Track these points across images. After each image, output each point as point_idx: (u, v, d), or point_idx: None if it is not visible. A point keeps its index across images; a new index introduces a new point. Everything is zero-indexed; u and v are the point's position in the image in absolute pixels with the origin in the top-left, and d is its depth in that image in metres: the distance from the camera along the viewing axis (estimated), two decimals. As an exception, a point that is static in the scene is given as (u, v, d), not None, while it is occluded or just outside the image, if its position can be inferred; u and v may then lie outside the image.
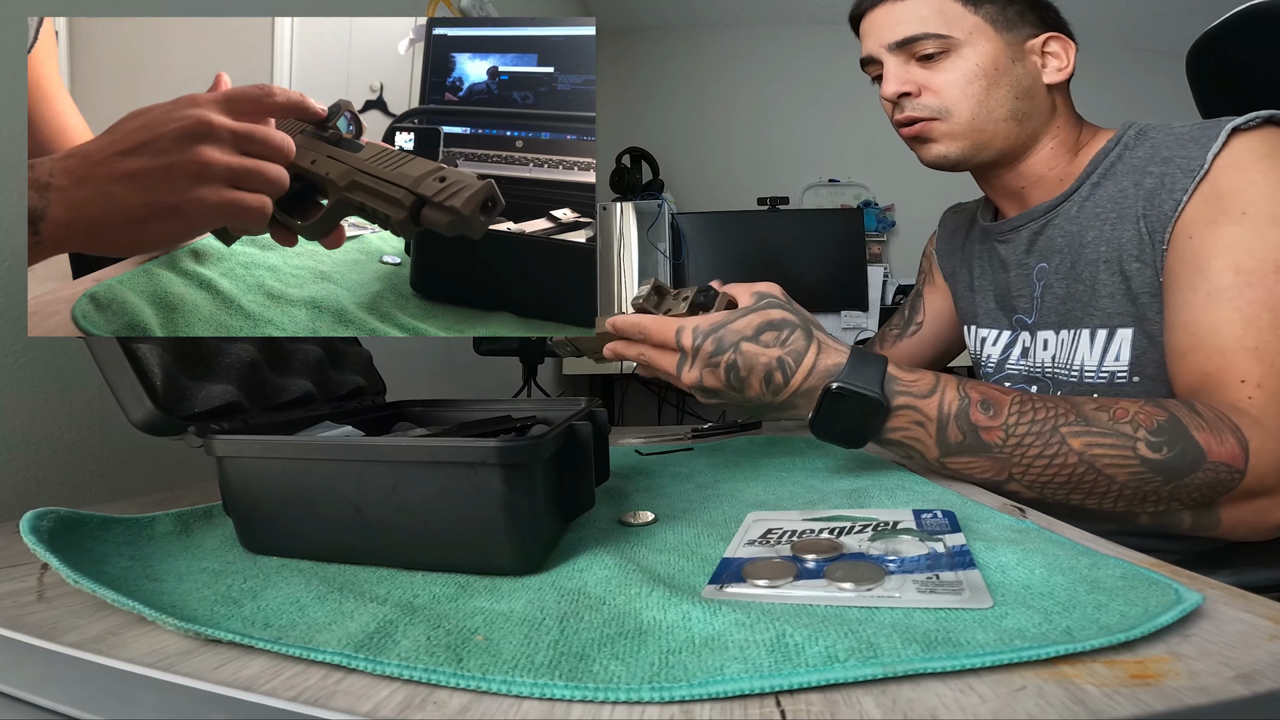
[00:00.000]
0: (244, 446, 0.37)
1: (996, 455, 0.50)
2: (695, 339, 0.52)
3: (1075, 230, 0.68)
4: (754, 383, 0.51)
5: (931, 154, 0.70)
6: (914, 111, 0.68)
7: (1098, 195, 0.67)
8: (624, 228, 2.12)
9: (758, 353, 0.51)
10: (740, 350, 0.51)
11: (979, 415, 0.50)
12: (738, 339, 0.51)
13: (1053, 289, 0.71)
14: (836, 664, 0.22)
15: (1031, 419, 0.49)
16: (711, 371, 0.51)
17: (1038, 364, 0.73)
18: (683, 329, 0.52)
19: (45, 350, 0.56)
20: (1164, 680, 0.21)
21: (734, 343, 0.51)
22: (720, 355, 0.51)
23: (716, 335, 0.51)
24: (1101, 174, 0.67)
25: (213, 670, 0.24)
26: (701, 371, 0.52)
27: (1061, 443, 0.48)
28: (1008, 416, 0.49)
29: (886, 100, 0.70)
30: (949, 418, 0.50)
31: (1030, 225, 0.73)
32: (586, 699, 0.22)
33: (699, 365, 0.52)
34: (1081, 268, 0.67)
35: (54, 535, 0.33)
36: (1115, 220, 0.64)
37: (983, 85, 0.66)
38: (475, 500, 0.33)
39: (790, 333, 0.52)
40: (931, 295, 0.96)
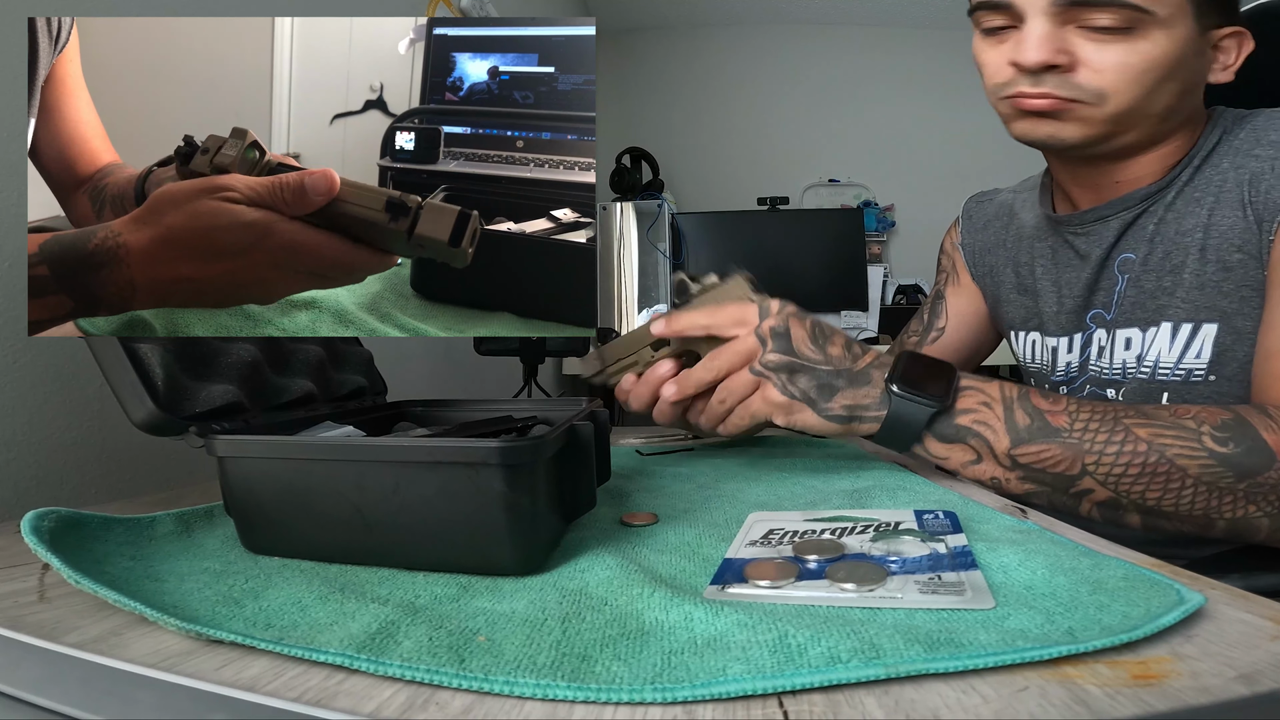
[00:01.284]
0: (245, 446, 0.37)
1: (1067, 441, 0.46)
2: (781, 304, 0.54)
3: (1171, 217, 0.60)
4: (837, 340, 0.52)
5: (1043, 133, 0.58)
6: (1059, 90, 0.55)
7: (1196, 180, 0.59)
8: (624, 228, 2.12)
9: (830, 326, 0.54)
10: (821, 319, 0.54)
11: (1040, 399, 0.48)
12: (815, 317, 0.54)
13: (1137, 281, 0.63)
14: (839, 664, 0.22)
15: (1091, 409, 0.47)
16: (798, 320, 0.52)
17: (1117, 365, 0.65)
18: (764, 300, 0.55)
19: (45, 350, 0.56)
20: (1166, 681, 0.21)
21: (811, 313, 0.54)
22: (806, 315, 0.53)
23: (794, 306, 0.54)
24: (1203, 158, 0.60)
25: (214, 671, 0.24)
26: (789, 318, 0.52)
27: (1127, 432, 0.46)
28: (1067, 404, 0.48)
29: (1015, 64, 0.56)
30: (1013, 400, 0.48)
31: (1123, 215, 0.63)
32: (589, 700, 0.22)
33: (785, 312, 0.52)
34: (1172, 256, 0.60)
35: (55, 535, 0.33)
36: (1213, 205, 0.57)
37: (1157, 77, 0.54)
38: (476, 500, 0.33)
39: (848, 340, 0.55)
40: (955, 296, 0.85)
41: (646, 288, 2.10)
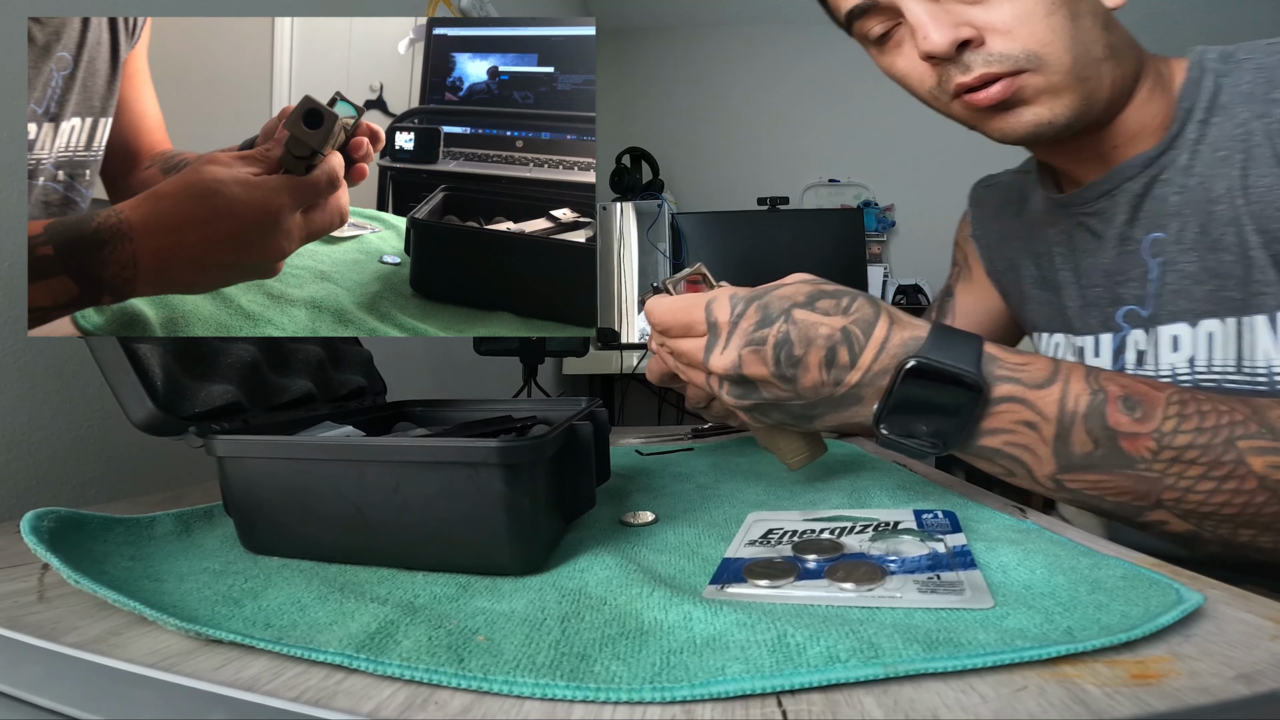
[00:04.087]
0: (245, 446, 0.37)
1: (1142, 473, 0.37)
2: (733, 307, 0.40)
3: (1195, 183, 0.52)
4: (811, 363, 0.39)
5: (1026, 122, 0.51)
6: (989, 67, 0.49)
7: (1212, 135, 0.52)
8: (624, 228, 2.12)
9: (816, 322, 0.39)
10: (793, 319, 0.39)
11: (1120, 416, 0.37)
12: (788, 305, 0.39)
13: (1178, 265, 0.54)
14: (838, 664, 0.22)
15: (1197, 425, 0.36)
16: (755, 352, 0.39)
17: (1165, 370, 0.55)
18: (715, 299, 0.41)
19: (45, 350, 0.56)
20: (1165, 680, 0.21)
21: (784, 309, 0.39)
22: (767, 327, 0.39)
23: (761, 302, 0.40)
24: (1206, 109, 0.52)
25: (214, 670, 0.24)
26: (741, 352, 0.39)
27: (1237, 461, 0.36)
28: (1162, 420, 0.36)
29: (934, 58, 0.50)
30: (1075, 418, 0.37)
31: (1128, 186, 0.56)
32: (588, 699, 0.22)
33: (737, 343, 0.40)
34: (1218, 231, 0.51)
35: (55, 535, 0.33)
36: (1244, 164, 0.50)
37: (1064, 16, 0.48)
38: (476, 500, 0.33)
39: (852, 300, 0.40)
40: (965, 294, 0.76)
41: (646, 288, 2.10)
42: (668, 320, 0.44)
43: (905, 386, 0.38)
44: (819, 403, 0.40)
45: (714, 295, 0.42)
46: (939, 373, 0.37)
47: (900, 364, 0.38)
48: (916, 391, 0.38)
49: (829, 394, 0.40)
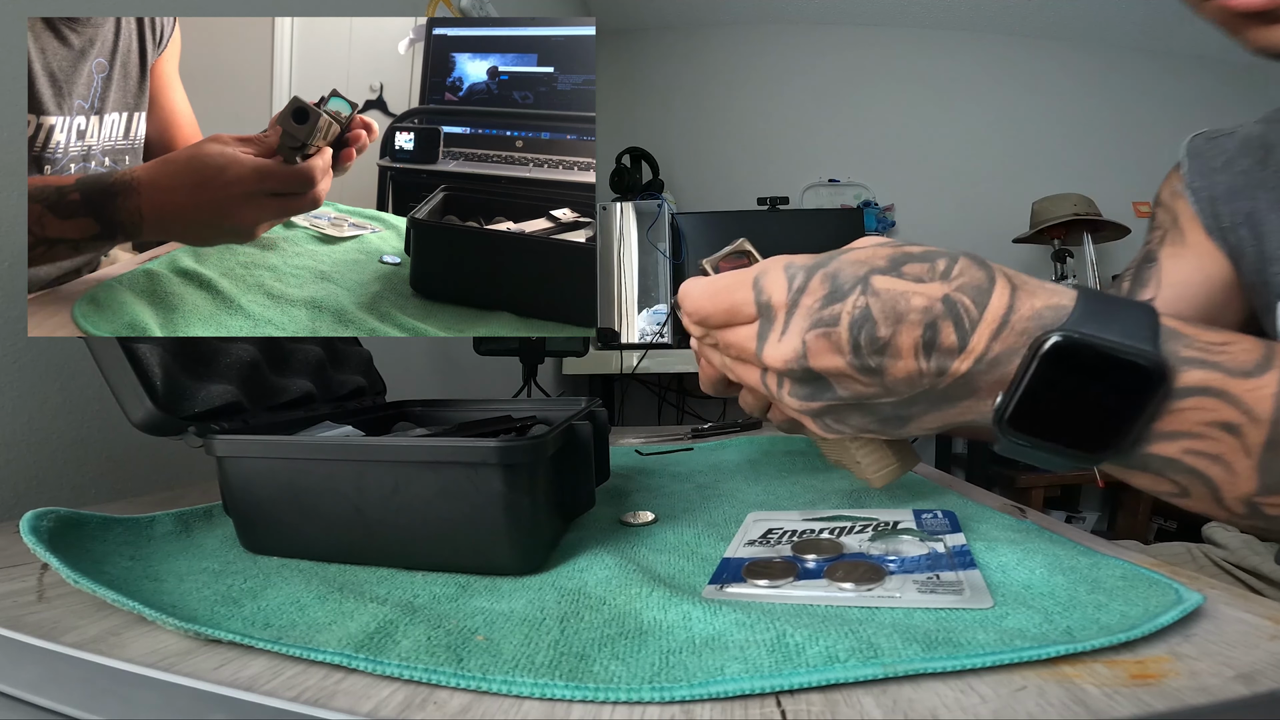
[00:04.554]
0: (244, 446, 0.37)
1: None
2: (791, 280, 0.31)
3: None
4: (904, 346, 0.29)
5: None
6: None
7: None
8: (624, 228, 2.12)
9: (905, 291, 0.29)
10: (874, 289, 0.29)
11: None
12: (865, 271, 0.30)
13: None
14: (837, 664, 0.22)
15: None
16: (824, 335, 0.30)
17: None
18: (765, 271, 0.32)
19: (45, 350, 0.56)
20: (1164, 680, 0.21)
21: (860, 277, 0.30)
22: (839, 302, 0.30)
23: (827, 270, 0.30)
24: None
25: (213, 670, 0.24)
26: (805, 337, 0.30)
27: None
28: None
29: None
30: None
31: None
32: (587, 699, 0.22)
33: (800, 324, 0.30)
34: None
35: (54, 535, 0.33)
36: None
37: None
38: (475, 500, 0.33)
39: (951, 262, 0.30)
40: (1175, 259, 0.63)
41: (646, 288, 2.10)
42: (706, 307, 0.33)
43: (1044, 372, 0.28)
44: (916, 399, 0.31)
45: (764, 267, 0.32)
46: (1097, 352, 0.27)
47: (1036, 342, 0.28)
48: (1061, 379, 0.28)
49: (929, 386, 0.30)
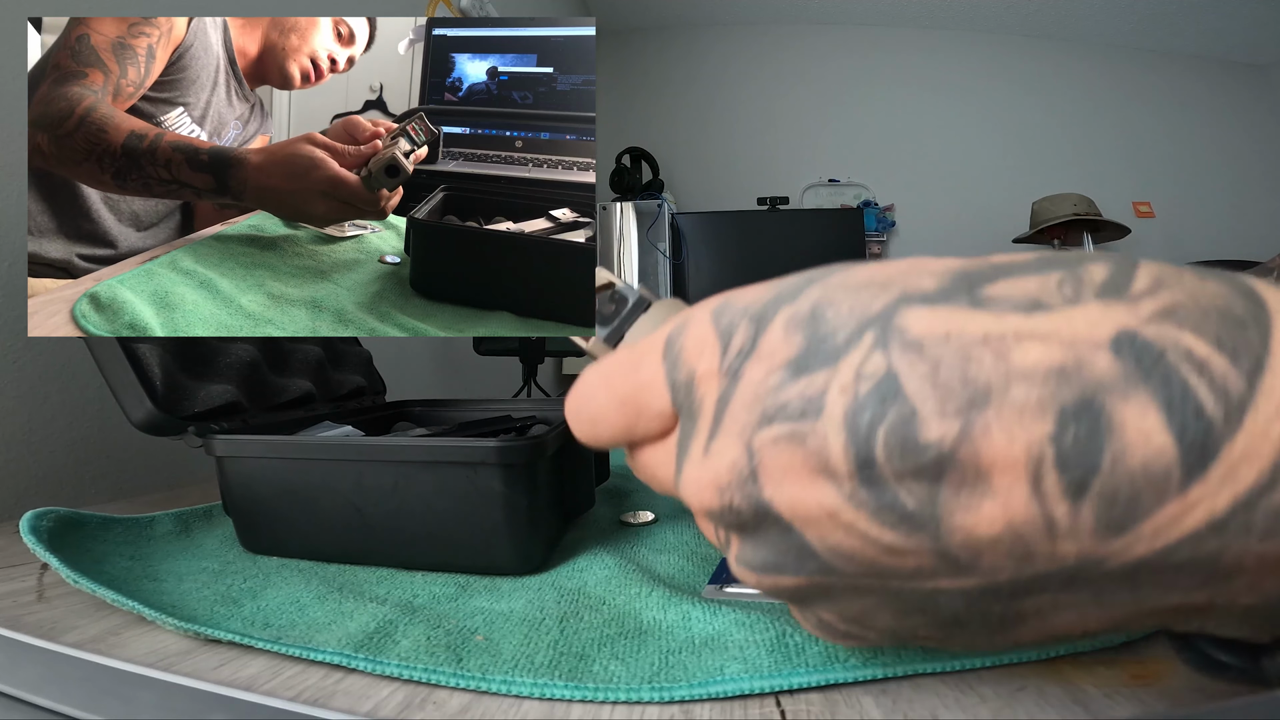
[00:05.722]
0: (244, 446, 0.37)
1: None
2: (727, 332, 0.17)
3: None
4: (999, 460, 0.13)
5: None
6: None
7: None
8: (624, 228, 2.12)
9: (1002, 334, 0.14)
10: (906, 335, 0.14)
11: None
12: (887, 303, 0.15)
13: None
14: (837, 664, 0.22)
15: None
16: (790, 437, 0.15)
17: None
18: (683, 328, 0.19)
19: (45, 350, 0.56)
20: (1164, 681, 0.21)
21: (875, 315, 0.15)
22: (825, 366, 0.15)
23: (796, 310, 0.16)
24: None
25: (212, 670, 0.24)
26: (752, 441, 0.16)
27: None
28: None
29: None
30: None
31: None
32: (586, 699, 0.22)
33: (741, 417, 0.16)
34: None
35: (54, 535, 0.33)
36: None
37: None
38: (475, 500, 0.33)
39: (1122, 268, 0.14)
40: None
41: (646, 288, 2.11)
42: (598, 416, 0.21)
43: None
44: (1034, 580, 0.14)
45: (684, 319, 0.19)
46: None
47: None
48: None
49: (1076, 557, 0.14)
